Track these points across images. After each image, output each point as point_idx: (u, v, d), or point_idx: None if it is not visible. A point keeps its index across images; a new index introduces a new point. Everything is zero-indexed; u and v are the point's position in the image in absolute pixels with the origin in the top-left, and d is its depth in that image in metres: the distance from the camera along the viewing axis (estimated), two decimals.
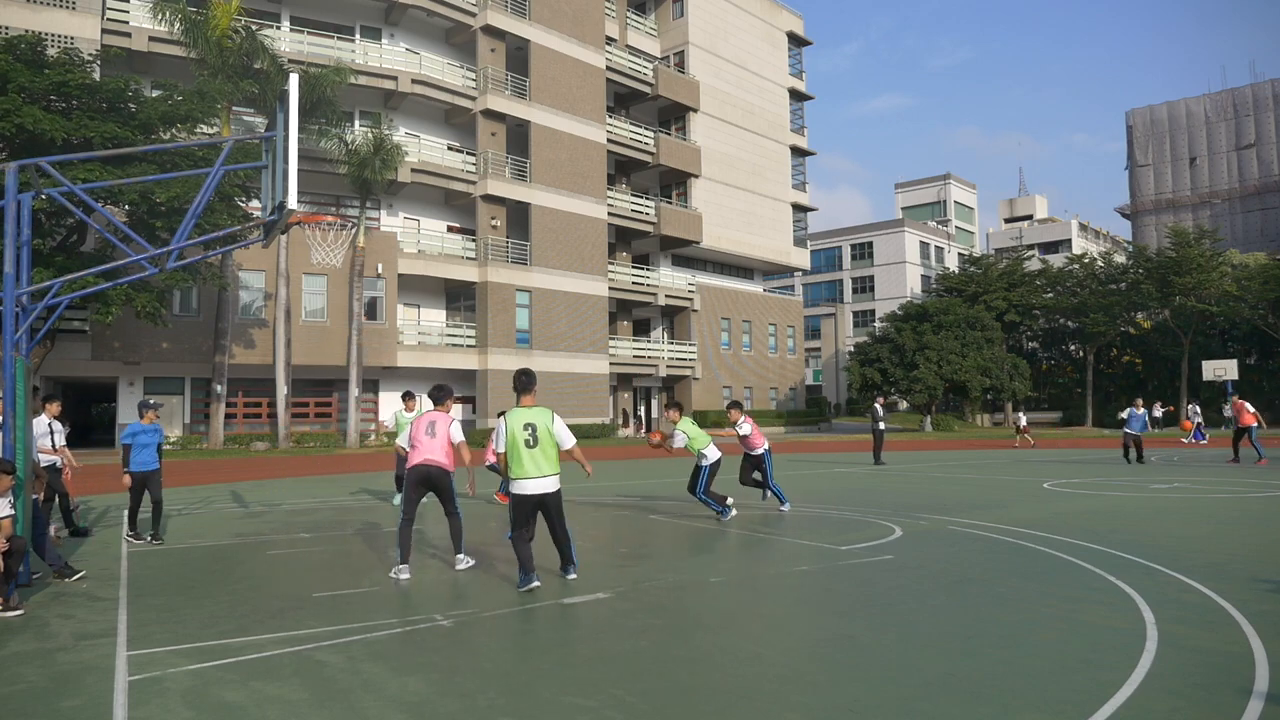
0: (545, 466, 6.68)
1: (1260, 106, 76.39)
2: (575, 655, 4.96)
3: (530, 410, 6.79)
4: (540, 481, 6.67)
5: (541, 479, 6.67)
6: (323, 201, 34.62)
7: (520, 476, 6.64)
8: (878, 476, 17.78)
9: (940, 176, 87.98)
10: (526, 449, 6.63)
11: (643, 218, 43.76)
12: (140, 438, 9.25)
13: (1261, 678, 4.37)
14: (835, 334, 72.11)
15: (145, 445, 9.29)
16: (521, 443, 6.63)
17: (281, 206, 7.26)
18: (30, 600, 6.56)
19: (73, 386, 34.01)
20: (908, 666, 4.65)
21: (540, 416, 6.76)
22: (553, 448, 6.77)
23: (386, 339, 33.38)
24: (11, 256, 7.17)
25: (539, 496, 6.68)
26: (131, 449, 9.21)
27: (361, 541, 9.46)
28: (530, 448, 6.65)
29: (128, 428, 9.38)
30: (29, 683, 4.56)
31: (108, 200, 23.71)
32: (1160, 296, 49.26)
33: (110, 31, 28.90)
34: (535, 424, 6.70)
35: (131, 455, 9.21)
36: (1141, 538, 8.97)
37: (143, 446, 9.26)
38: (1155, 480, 15.96)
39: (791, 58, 54.99)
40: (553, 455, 6.75)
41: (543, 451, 6.68)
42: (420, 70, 35.65)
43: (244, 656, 4.97)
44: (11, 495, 6.52)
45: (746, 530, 10.06)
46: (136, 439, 9.24)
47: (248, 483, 17.03)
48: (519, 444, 6.63)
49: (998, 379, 47.30)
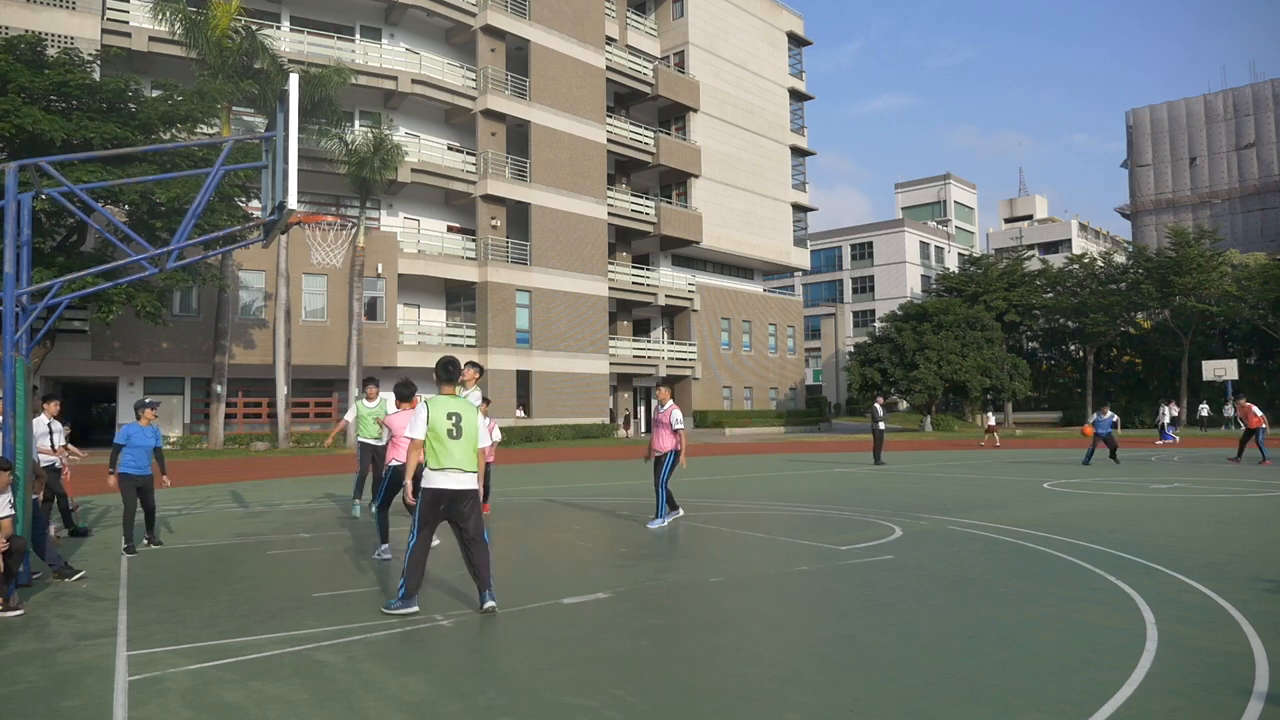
0: (465, 462, 6.01)
1: (1260, 106, 76.41)
2: (575, 655, 4.95)
3: (455, 400, 6.14)
4: (460, 476, 5.98)
5: (461, 474, 5.99)
6: (323, 201, 34.62)
7: (439, 468, 5.94)
8: (878, 476, 17.78)
9: (940, 176, 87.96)
10: (450, 439, 5.97)
11: (643, 218, 43.77)
12: (135, 439, 8.74)
13: (1261, 678, 4.37)
14: (835, 334, 72.08)
15: (140, 447, 8.77)
16: (445, 432, 5.96)
17: (281, 206, 7.26)
18: (30, 600, 6.56)
19: (73, 386, 34.00)
20: (908, 666, 4.65)
21: (466, 409, 6.10)
22: (475, 443, 6.08)
23: (386, 339, 33.38)
24: (11, 256, 7.17)
25: (455, 492, 5.96)
26: (124, 450, 8.69)
27: (361, 541, 9.45)
28: (454, 438, 5.98)
29: (122, 428, 8.87)
30: (29, 683, 4.56)
31: (108, 200, 23.71)
32: (1160, 296, 49.25)
33: (110, 31, 28.91)
34: (461, 415, 6.04)
35: (124, 457, 8.69)
36: (1141, 538, 8.97)
37: (137, 448, 8.75)
38: (1155, 480, 15.96)
39: (791, 58, 54.99)
40: (473, 453, 6.06)
41: (465, 445, 6.01)
42: (420, 70, 35.65)
43: (244, 656, 4.97)
44: (11, 494, 6.52)
45: (746, 530, 10.05)
46: (131, 440, 8.72)
47: (248, 483, 17.03)
48: (441, 433, 5.97)
49: (998, 379, 47.29)
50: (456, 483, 5.98)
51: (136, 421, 8.93)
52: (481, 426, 6.19)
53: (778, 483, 16.50)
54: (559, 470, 20.66)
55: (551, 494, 14.60)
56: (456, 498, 5.98)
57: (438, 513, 5.99)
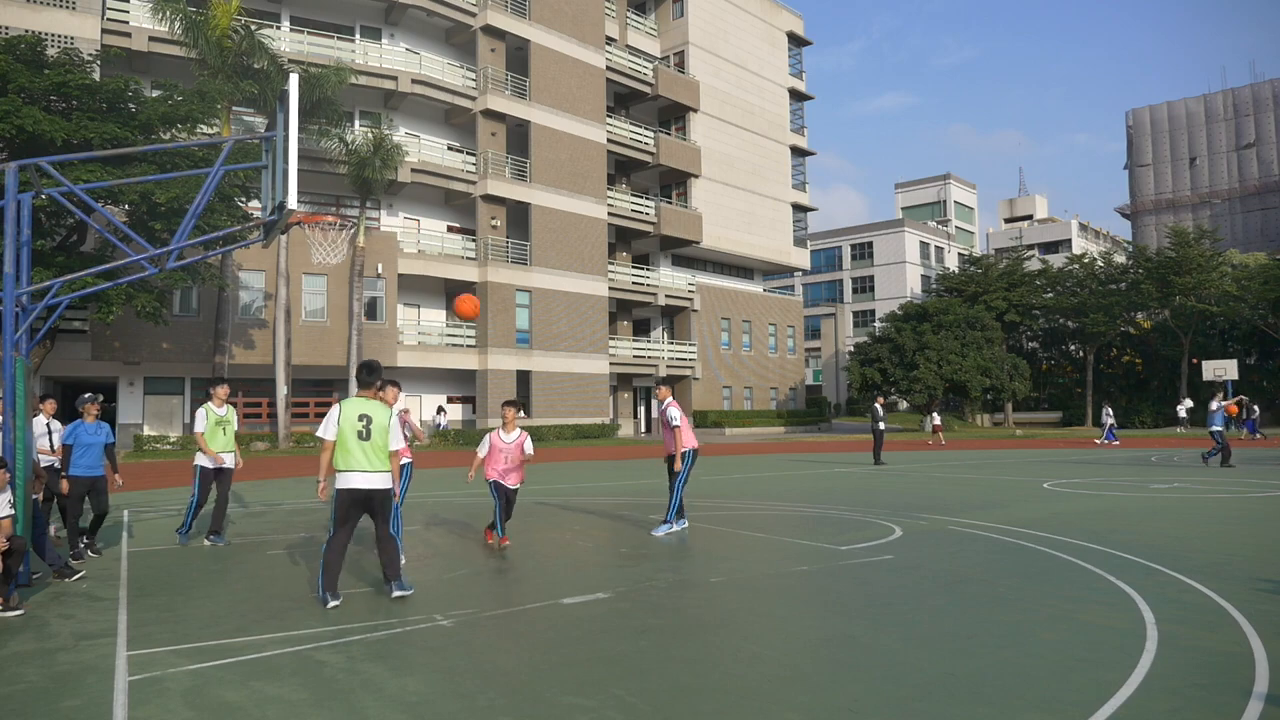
0: (376, 462, 6.28)
1: (1260, 106, 76.43)
2: (575, 655, 4.95)
3: (368, 402, 6.39)
4: (371, 476, 6.24)
5: (373, 474, 6.25)
6: (323, 201, 34.62)
7: (348, 469, 6.21)
8: (878, 476, 17.78)
9: (940, 176, 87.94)
10: (359, 440, 6.23)
11: (643, 218, 43.77)
12: (83, 437, 8.16)
13: (1261, 678, 4.36)
14: (835, 334, 72.07)
15: (88, 445, 8.18)
16: (354, 434, 6.23)
17: (281, 206, 7.26)
18: (30, 600, 6.56)
19: (73, 386, 33.97)
20: (908, 666, 4.65)
21: (378, 411, 6.36)
22: (385, 445, 6.33)
23: (386, 339, 33.38)
24: (11, 256, 7.17)
25: (367, 492, 6.24)
26: (73, 450, 8.11)
27: (361, 541, 9.45)
28: (363, 440, 6.25)
29: (67, 427, 8.25)
30: (29, 683, 4.56)
31: (108, 200, 23.71)
32: (1160, 296, 49.25)
33: (110, 31, 28.91)
34: (371, 416, 6.30)
35: (73, 458, 8.11)
36: (1141, 538, 8.97)
37: (85, 447, 8.16)
38: (1155, 480, 15.97)
39: (791, 58, 55.00)
40: (384, 453, 6.32)
41: (374, 446, 6.27)
42: (420, 70, 35.66)
43: (244, 656, 4.97)
44: (11, 494, 6.52)
45: (746, 530, 10.05)
46: (78, 439, 8.12)
47: (248, 483, 17.03)
48: (349, 435, 6.23)
49: (998, 379, 47.29)
50: (367, 482, 6.25)
51: (83, 420, 8.29)
52: (394, 429, 6.42)
53: (778, 483, 16.49)
54: (559, 470, 20.65)
55: (551, 494, 14.60)
56: (371, 496, 6.28)
57: (353, 513, 6.27)
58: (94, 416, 8.34)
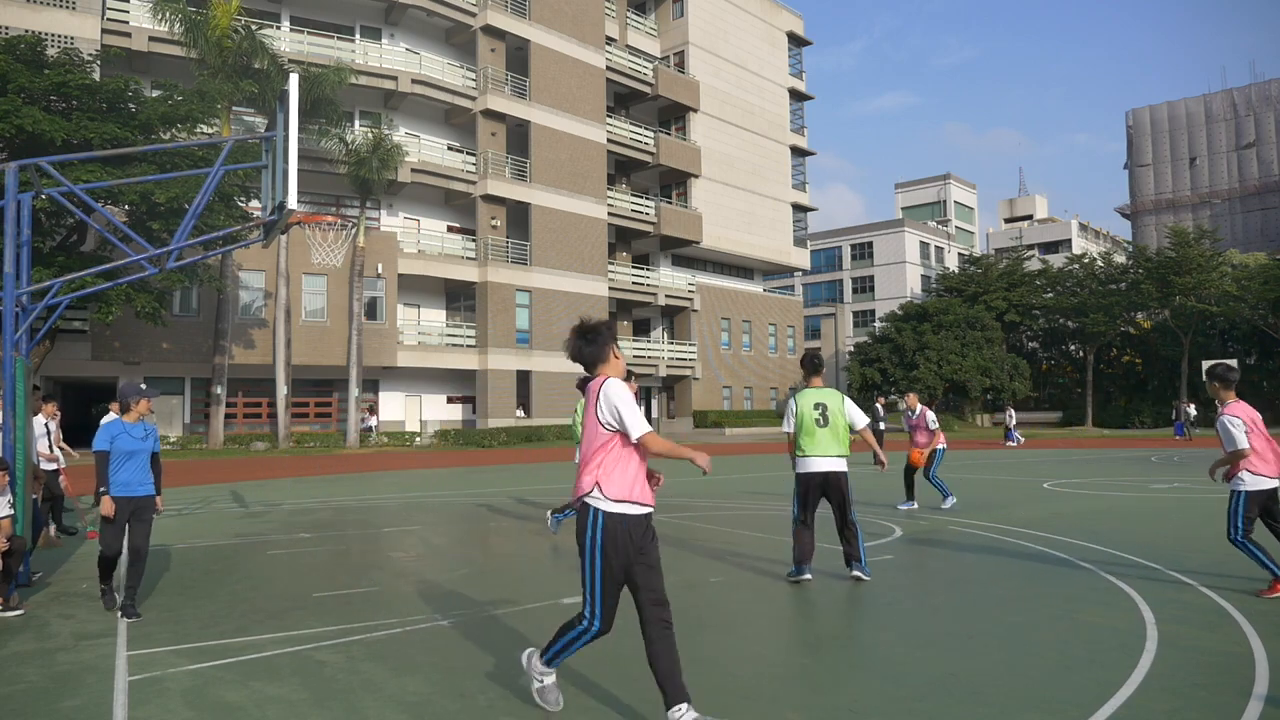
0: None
1: (1260, 106, 76.43)
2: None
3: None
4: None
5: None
6: (323, 201, 34.61)
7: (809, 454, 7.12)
8: (878, 476, 17.78)
9: (940, 176, 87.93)
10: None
11: (643, 218, 43.76)
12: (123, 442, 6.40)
13: (1261, 678, 4.36)
14: (835, 334, 72.03)
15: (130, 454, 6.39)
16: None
17: (281, 206, 7.26)
18: (30, 600, 6.56)
19: (72, 386, 33.97)
20: (908, 666, 4.65)
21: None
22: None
23: (386, 339, 33.37)
24: (11, 256, 7.17)
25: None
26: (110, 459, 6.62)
27: (361, 541, 9.45)
28: (820, 426, 7.06)
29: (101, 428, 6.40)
30: (29, 683, 4.56)
31: (108, 200, 23.71)
32: (1160, 296, 49.24)
33: (110, 31, 28.90)
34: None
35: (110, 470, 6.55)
36: (1141, 538, 8.97)
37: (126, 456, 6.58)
38: (1155, 480, 15.96)
39: (791, 58, 54.99)
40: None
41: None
42: (420, 70, 35.65)
43: (244, 656, 4.97)
44: (10, 494, 6.51)
45: (746, 530, 10.05)
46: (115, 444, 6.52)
47: (248, 483, 17.03)
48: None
49: (998, 379, 47.31)
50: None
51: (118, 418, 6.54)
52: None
53: (778, 483, 16.49)
54: (559, 470, 20.65)
55: (552, 494, 14.60)
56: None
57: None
58: (139, 415, 6.33)
